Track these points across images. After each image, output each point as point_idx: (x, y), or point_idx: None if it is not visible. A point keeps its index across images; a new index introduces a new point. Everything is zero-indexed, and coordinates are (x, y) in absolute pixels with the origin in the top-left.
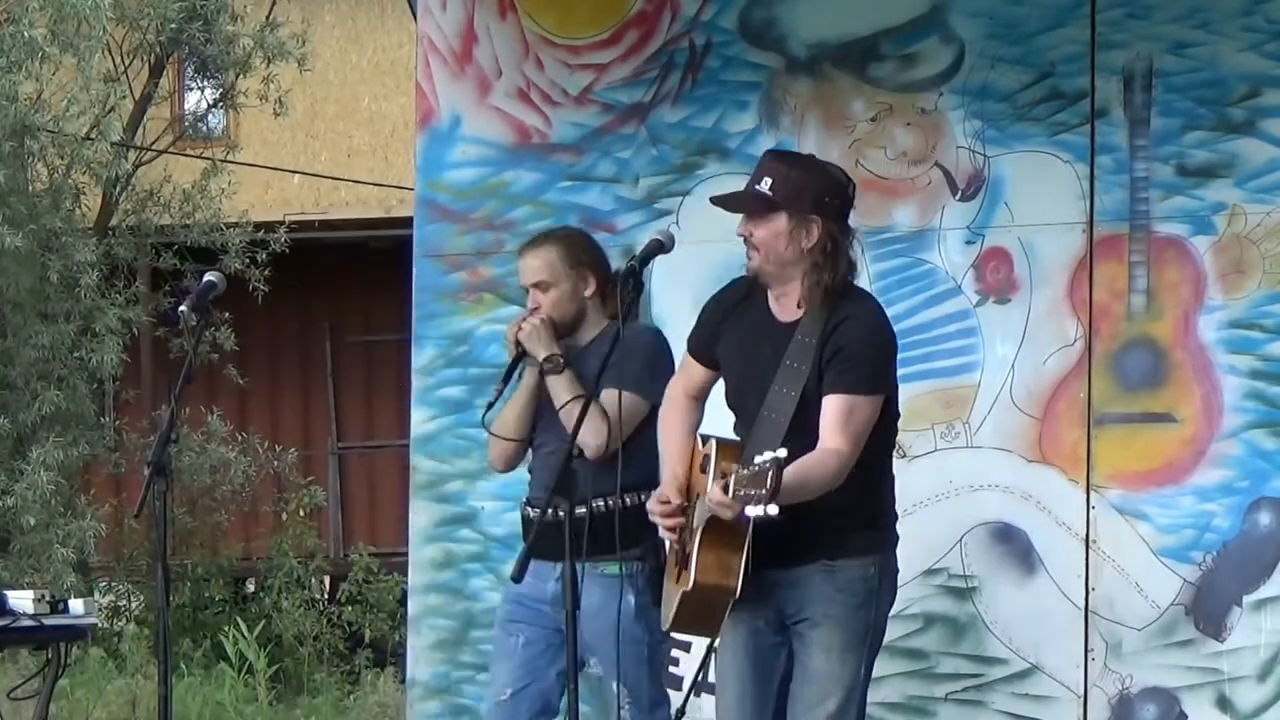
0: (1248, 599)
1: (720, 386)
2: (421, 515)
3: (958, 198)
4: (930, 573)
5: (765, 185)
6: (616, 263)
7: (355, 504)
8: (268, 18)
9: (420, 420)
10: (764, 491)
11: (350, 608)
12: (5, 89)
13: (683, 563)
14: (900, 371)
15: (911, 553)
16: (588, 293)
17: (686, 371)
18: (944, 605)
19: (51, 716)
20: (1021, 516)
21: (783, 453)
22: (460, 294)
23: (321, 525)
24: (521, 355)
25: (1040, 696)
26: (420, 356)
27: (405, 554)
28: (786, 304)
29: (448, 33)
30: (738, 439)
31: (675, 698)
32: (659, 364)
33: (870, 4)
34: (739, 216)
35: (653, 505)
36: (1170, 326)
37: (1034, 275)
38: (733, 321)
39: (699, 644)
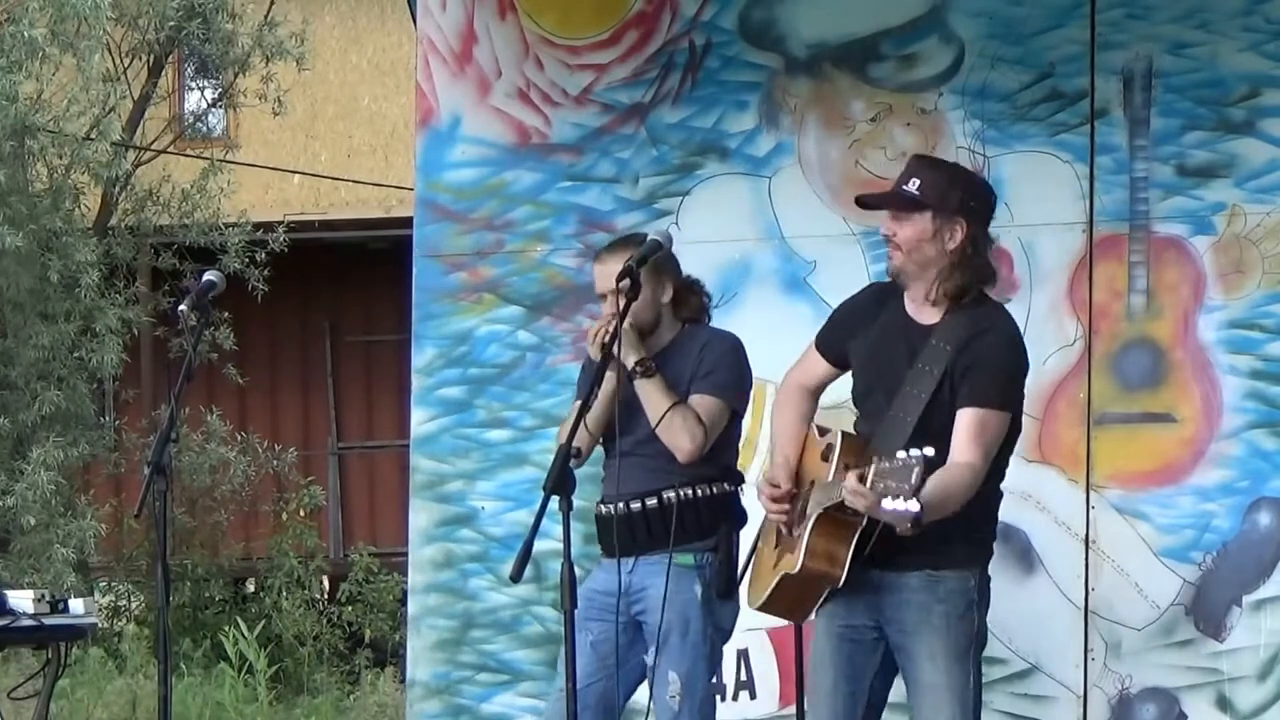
0: (1247, 599)
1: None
2: (421, 515)
3: None
4: None
5: (913, 186)
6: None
7: (355, 504)
8: (266, 16)
9: (420, 420)
10: (907, 486)
11: (350, 608)
12: (5, 89)
13: (788, 546)
14: None
15: None
16: (665, 299)
17: (808, 366)
18: None
19: (51, 716)
20: (1021, 516)
21: (930, 450)
22: (460, 294)
23: (321, 525)
24: (608, 359)
25: (1040, 696)
26: (420, 356)
27: (405, 554)
28: (924, 306)
29: (448, 33)
30: (862, 434)
31: None
32: (744, 372)
33: (870, 4)
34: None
35: (763, 486)
36: (1170, 326)
37: (1034, 275)
38: (867, 322)
39: None
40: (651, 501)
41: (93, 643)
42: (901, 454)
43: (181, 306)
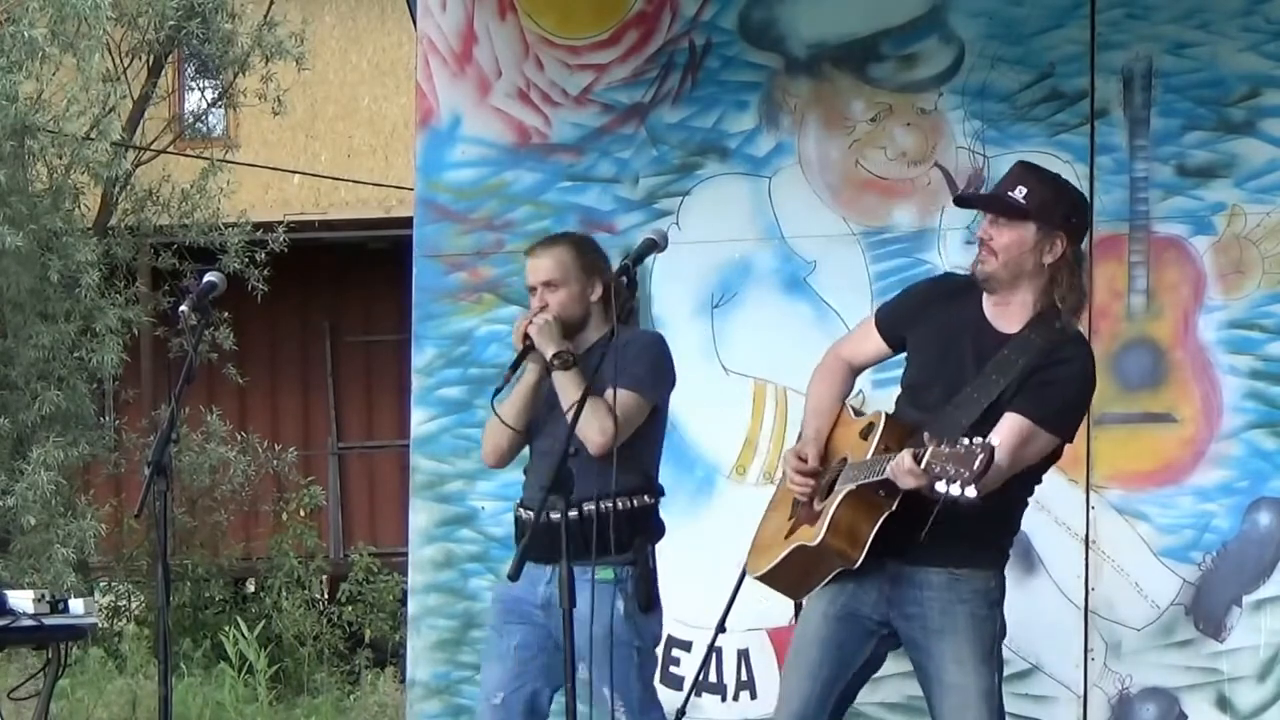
0: (1247, 599)
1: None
2: (421, 515)
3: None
4: None
5: (1019, 193)
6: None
7: (355, 504)
8: (266, 16)
9: (420, 420)
10: (968, 472)
11: (350, 608)
12: (5, 89)
13: (806, 518)
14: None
15: None
16: (594, 297)
17: (861, 343)
18: None
19: (52, 716)
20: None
21: (995, 440)
22: (460, 294)
23: (321, 525)
24: (527, 350)
25: (1040, 696)
26: (420, 356)
27: (405, 554)
28: (1005, 314)
29: (447, 33)
30: (908, 420)
31: (676, 697)
32: (662, 367)
33: (870, 4)
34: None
35: (789, 458)
36: (1170, 326)
37: None
38: (938, 311)
39: (700, 644)
40: (571, 513)
41: (93, 643)
42: (965, 440)
43: (182, 307)
